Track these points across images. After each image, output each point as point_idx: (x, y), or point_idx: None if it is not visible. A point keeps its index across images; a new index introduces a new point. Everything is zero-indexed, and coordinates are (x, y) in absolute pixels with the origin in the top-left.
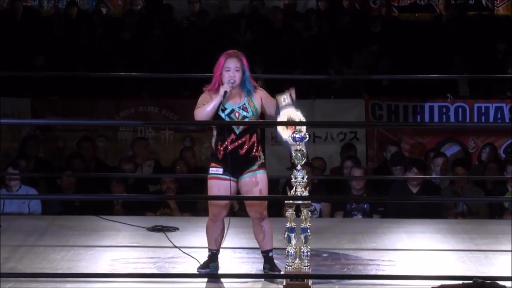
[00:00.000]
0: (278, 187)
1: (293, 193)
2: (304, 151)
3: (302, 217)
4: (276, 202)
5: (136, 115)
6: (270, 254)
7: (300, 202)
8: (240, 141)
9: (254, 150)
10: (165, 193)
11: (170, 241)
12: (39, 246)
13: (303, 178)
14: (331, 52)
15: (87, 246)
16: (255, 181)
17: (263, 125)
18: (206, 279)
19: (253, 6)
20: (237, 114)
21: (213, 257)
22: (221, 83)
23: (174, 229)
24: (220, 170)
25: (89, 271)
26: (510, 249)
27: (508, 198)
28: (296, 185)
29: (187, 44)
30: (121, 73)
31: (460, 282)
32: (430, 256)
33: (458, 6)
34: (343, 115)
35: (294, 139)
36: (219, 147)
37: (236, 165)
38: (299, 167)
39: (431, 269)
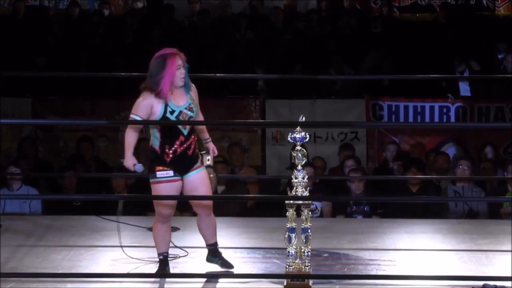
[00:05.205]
0: (279, 187)
1: (294, 193)
2: (305, 151)
3: (303, 217)
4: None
5: None
6: (218, 246)
7: (300, 202)
8: (188, 143)
9: (197, 149)
10: None
11: (171, 241)
12: (40, 246)
13: (303, 178)
14: (332, 52)
15: (88, 246)
16: (201, 179)
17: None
18: (206, 279)
19: (253, 6)
20: (184, 115)
21: (165, 260)
22: (170, 84)
23: (175, 229)
24: (170, 173)
25: (90, 271)
26: (510, 249)
27: (508, 198)
28: (297, 185)
29: (188, 44)
30: (122, 73)
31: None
32: (431, 256)
33: (459, 6)
34: (344, 115)
35: (294, 139)
36: (167, 150)
37: (184, 166)
38: (299, 167)
39: (431, 269)
